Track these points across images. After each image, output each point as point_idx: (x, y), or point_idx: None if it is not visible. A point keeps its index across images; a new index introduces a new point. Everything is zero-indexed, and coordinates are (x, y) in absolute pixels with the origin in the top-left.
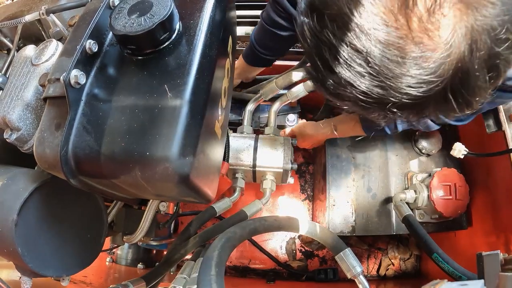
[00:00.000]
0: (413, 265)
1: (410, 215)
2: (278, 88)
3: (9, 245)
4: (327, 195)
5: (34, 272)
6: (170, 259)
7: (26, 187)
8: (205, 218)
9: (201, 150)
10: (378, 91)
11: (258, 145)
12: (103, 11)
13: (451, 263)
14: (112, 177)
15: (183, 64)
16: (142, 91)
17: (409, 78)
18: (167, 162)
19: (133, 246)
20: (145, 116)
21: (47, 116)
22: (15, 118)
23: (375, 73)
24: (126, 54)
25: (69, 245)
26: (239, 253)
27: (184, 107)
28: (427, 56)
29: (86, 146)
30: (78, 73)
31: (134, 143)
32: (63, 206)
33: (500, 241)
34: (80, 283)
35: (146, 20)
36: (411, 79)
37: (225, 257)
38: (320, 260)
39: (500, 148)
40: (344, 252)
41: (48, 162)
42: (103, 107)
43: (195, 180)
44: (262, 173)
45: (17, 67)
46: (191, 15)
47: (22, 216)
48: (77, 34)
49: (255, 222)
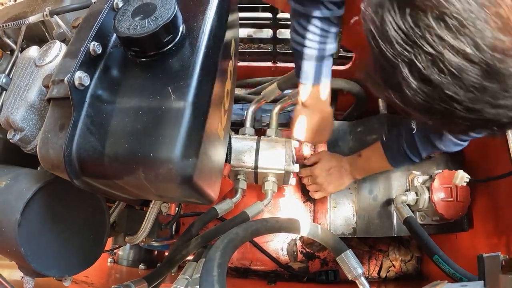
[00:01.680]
0: (414, 267)
1: (411, 217)
2: (280, 90)
3: (12, 245)
4: (328, 197)
5: (36, 272)
6: (172, 260)
7: (29, 188)
8: (207, 219)
9: (204, 152)
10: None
11: (260, 146)
12: (107, 13)
13: (452, 265)
14: (115, 178)
15: (187, 66)
16: (146, 93)
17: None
18: (170, 163)
19: (134, 247)
20: (148, 117)
21: (50, 117)
22: (18, 119)
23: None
24: (129, 56)
25: (71, 245)
26: (240, 254)
27: (187, 109)
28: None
29: (90, 147)
30: (82, 75)
31: (137, 145)
32: (65, 206)
33: (501, 243)
34: (82, 283)
35: (150, 23)
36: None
37: (227, 258)
38: (321, 261)
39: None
40: (345, 254)
41: (52, 162)
42: (107, 109)
43: (198, 181)
44: (264, 175)
45: (20, 68)
46: (194, 18)
47: (25, 216)
48: (81, 36)
49: (257, 223)
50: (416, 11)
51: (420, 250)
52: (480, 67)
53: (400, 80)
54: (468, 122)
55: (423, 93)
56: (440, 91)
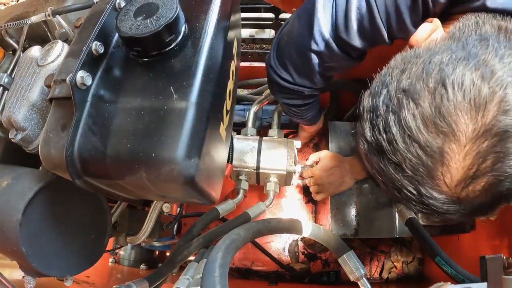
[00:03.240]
0: (415, 268)
1: (414, 218)
2: None
3: (14, 245)
4: (330, 198)
5: (37, 272)
6: (173, 260)
7: (31, 187)
8: (208, 220)
9: (206, 152)
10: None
11: (262, 147)
12: (109, 13)
13: (454, 266)
14: (117, 178)
15: (189, 66)
16: (148, 93)
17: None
18: (172, 164)
19: (135, 247)
20: (150, 117)
21: (52, 116)
22: (20, 119)
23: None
24: (131, 56)
25: (73, 245)
26: (242, 255)
27: (190, 109)
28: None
29: (92, 147)
30: (84, 75)
31: (139, 145)
32: (67, 206)
33: (503, 244)
34: (83, 283)
35: (152, 23)
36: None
37: (229, 258)
38: (322, 262)
39: None
40: (347, 255)
41: (54, 162)
42: (109, 109)
43: (200, 182)
44: (266, 175)
45: (22, 67)
46: (196, 18)
47: (27, 216)
48: (83, 36)
49: (258, 224)
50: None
51: (422, 252)
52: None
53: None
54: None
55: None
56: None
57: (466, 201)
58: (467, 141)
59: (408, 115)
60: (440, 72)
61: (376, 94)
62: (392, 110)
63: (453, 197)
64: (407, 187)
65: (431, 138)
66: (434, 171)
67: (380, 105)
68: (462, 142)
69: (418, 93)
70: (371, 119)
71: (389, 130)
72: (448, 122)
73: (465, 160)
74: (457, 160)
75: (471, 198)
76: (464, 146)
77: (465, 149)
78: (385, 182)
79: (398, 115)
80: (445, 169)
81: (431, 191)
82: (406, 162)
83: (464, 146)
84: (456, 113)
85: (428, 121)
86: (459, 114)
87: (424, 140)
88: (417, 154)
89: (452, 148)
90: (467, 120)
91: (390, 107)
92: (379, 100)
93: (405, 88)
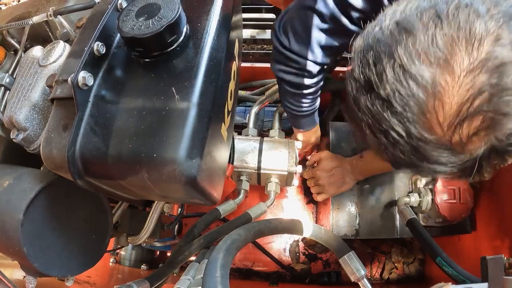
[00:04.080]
0: (416, 269)
1: (414, 219)
2: None
3: (15, 245)
4: (331, 198)
5: (39, 272)
6: (174, 261)
7: (32, 187)
8: (209, 220)
9: (207, 152)
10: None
11: (263, 147)
12: (111, 13)
13: (455, 267)
14: (119, 178)
15: (191, 66)
16: (150, 93)
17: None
18: (174, 164)
19: (136, 247)
20: (152, 118)
21: (54, 117)
22: (22, 119)
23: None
24: (133, 56)
25: (74, 245)
26: (243, 256)
27: (191, 109)
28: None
29: (94, 147)
30: (86, 75)
31: (141, 145)
32: (68, 206)
33: (504, 245)
34: (84, 283)
35: (154, 23)
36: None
37: (230, 259)
38: (323, 263)
39: None
40: (348, 255)
41: (55, 162)
42: (111, 109)
43: (201, 182)
44: (267, 176)
45: (24, 67)
46: (198, 18)
47: (28, 216)
48: (85, 36)
49: (259, 224)
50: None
51: (422, 252)
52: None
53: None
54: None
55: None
56: (384, 149)
57: (459, 148)
58: (462, 73)
59: (400, 46)
60: (435, 6)
61: (368, 34)
62: (383, 43)
63: (445, 140)
64: (395, 128)
65: (424, 67)
66: (426, 104)
67: (371, 41)
68: (457, 73)
69: (412, 24)
70: (361, 57)
71: (379, 62)
72: (443, 53)
73: (459, 94)
74: (450, 94)
75: (464, 145)
76: (459, 78)
77: (459, 82)
78: (371, 126)
79: (389, 46)
80: (437, 103)
81: (421, 130)
82: (396, 96)
83: (458, 78)
84: (452, 45)
85: (421, 51)
86: (454, 46)
87: (416, 70)
88: (408, 85)
89: (446, 79)
90: (463, 52)
91: (381, 40)
92: (370, 37)
93: (398, 20)
